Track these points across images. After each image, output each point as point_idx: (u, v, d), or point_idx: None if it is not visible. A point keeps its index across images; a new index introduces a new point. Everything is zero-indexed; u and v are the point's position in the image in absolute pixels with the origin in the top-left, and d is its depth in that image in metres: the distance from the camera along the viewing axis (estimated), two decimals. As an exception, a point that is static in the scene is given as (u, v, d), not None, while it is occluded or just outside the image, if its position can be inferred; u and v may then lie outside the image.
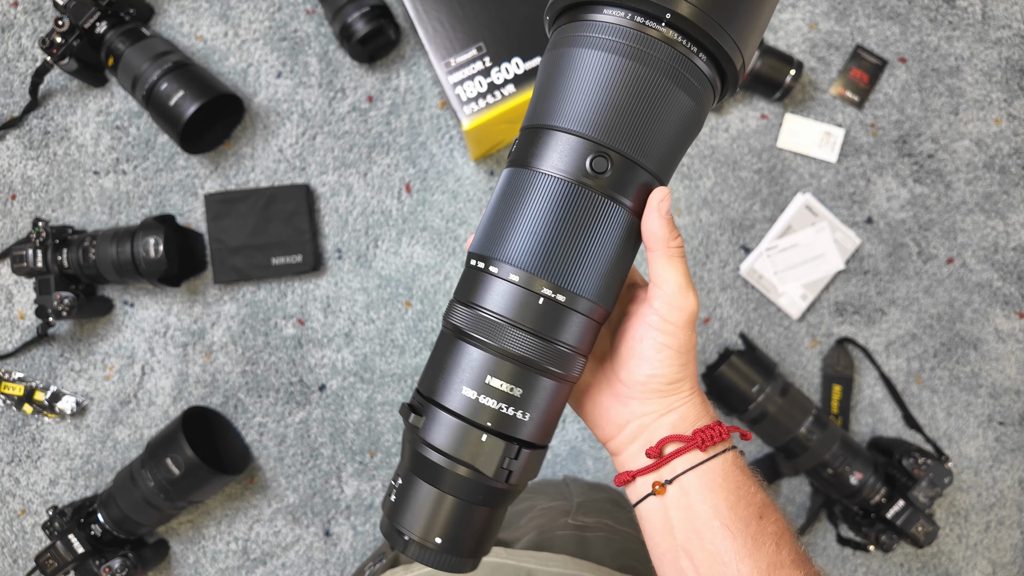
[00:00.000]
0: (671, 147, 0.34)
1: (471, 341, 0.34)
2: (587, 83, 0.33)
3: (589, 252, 0.33)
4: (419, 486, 0.34)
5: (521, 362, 0.33)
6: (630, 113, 0.33)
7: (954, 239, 1.07)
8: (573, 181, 0.33)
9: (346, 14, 0.96)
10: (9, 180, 1.03)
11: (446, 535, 0.34)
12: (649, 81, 0.32)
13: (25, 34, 1.03)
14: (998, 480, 1.07)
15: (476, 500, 0.34)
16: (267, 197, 1.01)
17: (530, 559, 0.54)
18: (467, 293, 0.35)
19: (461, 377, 0.33)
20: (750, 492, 0.35)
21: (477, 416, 0.33)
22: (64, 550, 0.91)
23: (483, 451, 0.33)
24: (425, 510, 0.34)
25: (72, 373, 1.03)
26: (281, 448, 1.03)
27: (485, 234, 0.35)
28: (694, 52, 0.33)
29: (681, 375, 0.36)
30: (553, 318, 0.33)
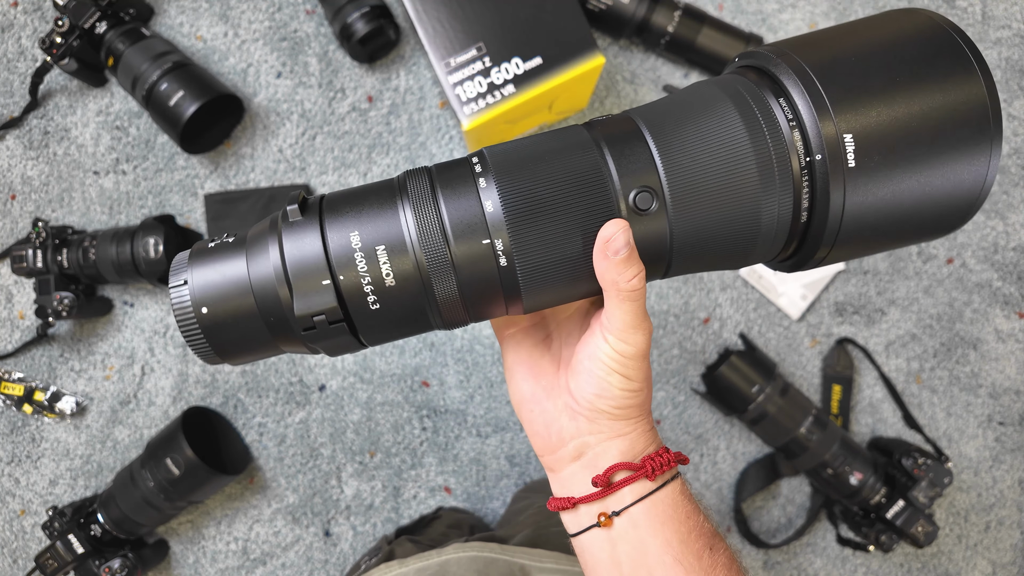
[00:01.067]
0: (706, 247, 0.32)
1: (400, 208, 0.31)
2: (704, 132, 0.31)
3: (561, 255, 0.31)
4: (237, 268, 0.32)
5: (413, 256, 0.31)
6: (710, 191, 0.30)
7: (954, 239, 1.07)
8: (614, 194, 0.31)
9: (346, 14, 0.96)
10: (9, 180, 1.03)
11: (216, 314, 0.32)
12: (752, 187, 0.30)
13: (25, 34, 1.03)
14: (998, 480, 1.07)
15: (266, 314, 0.32)
16: (267, 197, 1.01)
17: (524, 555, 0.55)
18: (442, 173, 0.33)
19: (361, 220, 0.31)
20: (699, 523, 0.34)
21: (340, 267, 0.30)
22: (64, 550, 0.91)
23: (312, 289, 0.30)
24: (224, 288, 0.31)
25: (72, 373, 1.03)
26: (281, 448, 1.03)
27: (509, 151, 0.33)
28: (805, 207, 0.31)
29: (630, 402, 0.34)
30: (477, 266, 0.31)
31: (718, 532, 0.34)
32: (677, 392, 1.06)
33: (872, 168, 0.29)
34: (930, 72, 0.29)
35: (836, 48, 0.31)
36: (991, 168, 0.30)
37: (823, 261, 0.32)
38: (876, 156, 0.29)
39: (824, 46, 0.31)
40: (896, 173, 0.29)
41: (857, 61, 0.30)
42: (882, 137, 0.29)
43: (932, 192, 0.30)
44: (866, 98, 0.29)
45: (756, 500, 1.06)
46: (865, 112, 0.29)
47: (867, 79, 0.29)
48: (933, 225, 0.32)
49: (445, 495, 1.04)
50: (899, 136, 0.29)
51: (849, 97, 0.29)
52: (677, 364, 1.06)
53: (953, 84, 0.29)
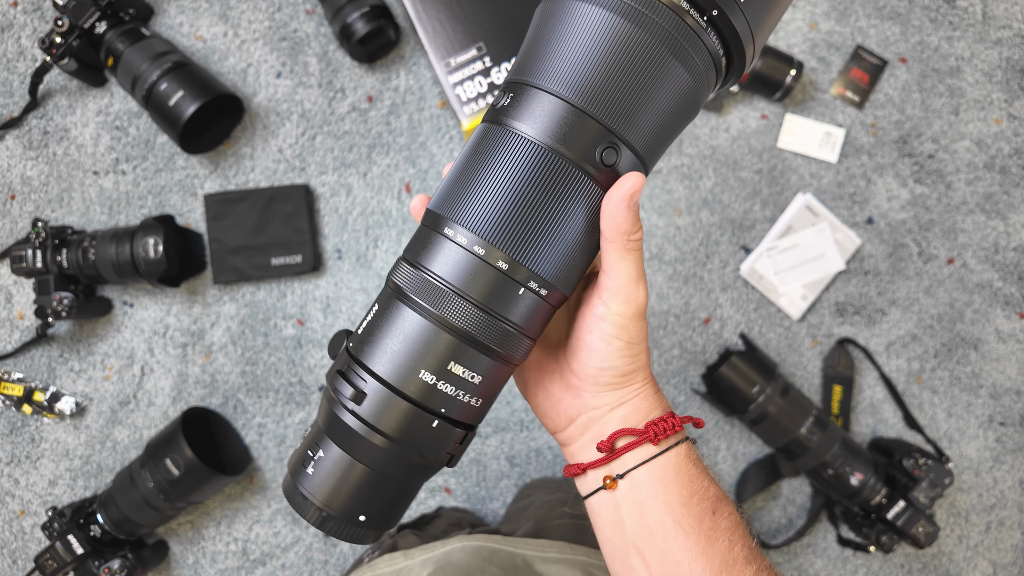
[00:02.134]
0: (661, 127, 0.32)
1: (414, 307, 0.31)
2: (578, 41, 0.30)
3: (553, 228, 0.30)
4: (347, 463, 0.31)
5: (467, 339, 0.30)
6: (620, 81, 0.30)
7: (955, 239, 1.07)
8: (547, 147, 0.30)
9: (346, 14, 0.96)
10: (8, 180, 1.03)
11: (370, 511, 0.32)
12: (647, 49, 0.29)
13: (25, 34, 1.03)
14: (999, 481, 1.07)
15: (409, 479, 0.32)
16: (267, 197, 1.01)
17: (527, 546, 0.55)
18: (415, 252, 0.32)
19: (416, 356, 0.30)
20: (703, 487, 0.34)
21: (433, 403, 0.31)
22: (63, 551, 0.91)
23: (433, 437, 0.31)
24: (351, 487, 0.31)
25: (71, 373, 1.03)
26: (281, 449, 1.03)
27: (445, 192, 0.32)
28: (702, 26, 0.30)
29: (632, 367, 0.34)
30: (504, 293, 0.30)
31: (725, 497, 0.35)
32: (677, 392, 1.06)
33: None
34: None
35: None
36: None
37: (747, 69, 0.33)
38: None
39: None
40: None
41: None
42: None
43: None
44: None
45: (757, 501, 1.06)
46: None
47: None
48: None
49: (445, 495, 1.04)
50: None
51: None
52: (677, 364, 1.06)
53: None
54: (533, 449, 1.05)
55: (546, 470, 1.04)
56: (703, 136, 1.07)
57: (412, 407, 0.30)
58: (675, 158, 1.07)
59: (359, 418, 0.31)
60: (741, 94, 1.07)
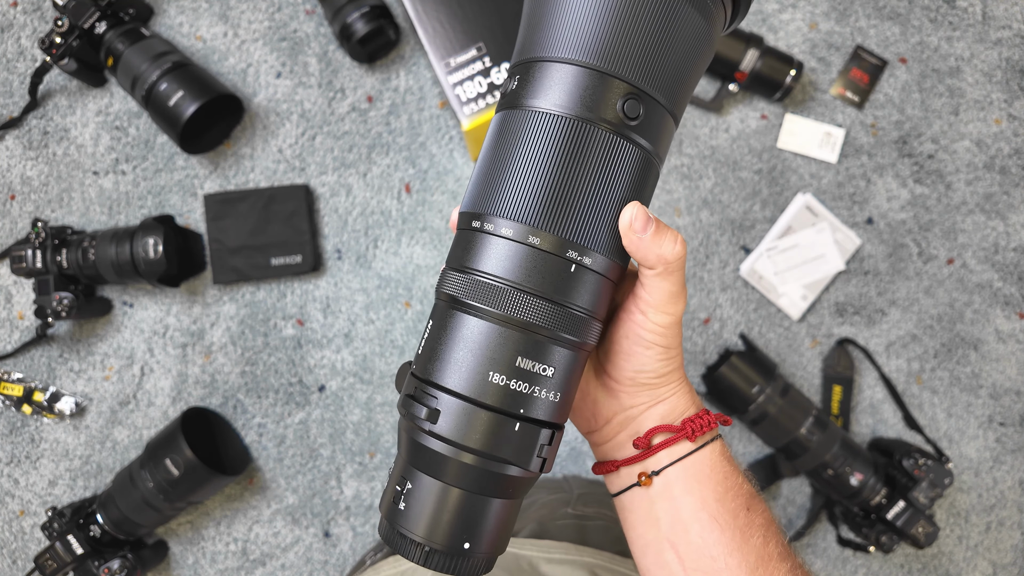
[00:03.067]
0: (683, 74, 0.30)
1: (473, 311, 0.29)
2: (583, 3, 0.28)
3: (602, 199, 0.29)
4: (439, 489, 0.29)
5: (534, 332, 0.29)
6: (634, 34, 0.28)
7: (954, 240, 1.07)
8: (575, 117, 0.28)
9: (346, 14, 0.96)
10: (8, 180, 1.03)
11: (474, 537, 0.29)
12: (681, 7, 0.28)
13: (24, 34, 1.03)
14: (999, 481, 1.07)
15: (505, 494, 0.30)
16: (266, 197, 1.01)
17: (531, 547, 0.54)
18: (459, 258, 0.30)
19: (483, 361, 0.29)
20: (737, 483, 0.34)
21: (509, 405, 0.29)
22: (63, 551, 0.91)
23: (518, 442, 0.29)
24: (448, 514, 0.29)
25: (71, 374, 1.03)
26: (280, 449, 1.03)
27: (477, 189, 0.30)
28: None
29: (668, 368, 0.35)
30: (562, 276, 0.29)
31: (757, 495, 0.35)
32: (677, 393, 1.06)
33: None
34: None
35: None
36: None
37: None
38: None
39: None
40: None
41: None
42: None
43: None
44: None
45: (756, 501, 1.06)
46: None
47: None
48: None
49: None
50: None
51: None
52: (677, 365, 1.06)
53: None
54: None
55: (546, 470, 1.04)
56: (703, 136, 1.07)
57: (489, 413, 0.29)
58: (675, 158, 1.07)
59: (439, 438, 0.29)
60: (741, 94, 1.07)
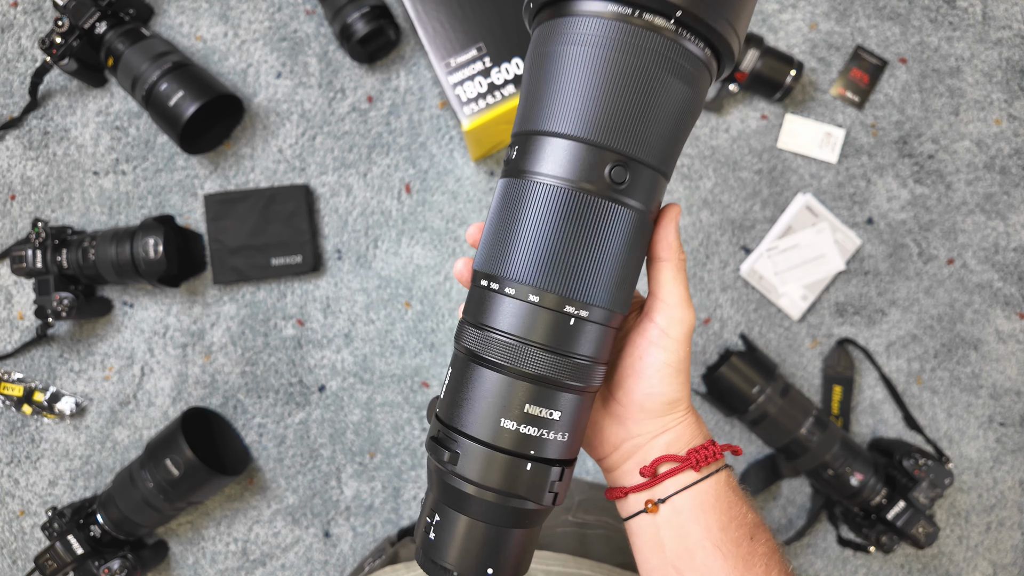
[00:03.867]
0: (670, 138, 0.33)
1: (488, 365, 0.33)
2: (574, 82, 0.31)
3: (597, 259, 0.32)
4: (465, 523, 0.33)
5: (542, 382, 0.32)
6: (623, 108, 0.31)
7: (955, 240, 1.07)
8: (572, 187, 0.31)
9: (346, 14, 0.96)
10: (9, 180, 1.03)
11: (497, 564, 0.34)
12: (640, 72, 0.31)
13: (25, 34, 1.03)
14: (999, 481, 1.07)
15: (523, 525, 0.34)
16: (267, 197, 1.01)
17: None
18: (476, 313, 0.34)
19: (497, 408, 0.32)
20: (741, 512, 0.36)
21: (521, 447, 0.32)
22: (63, 551, 0.91)
23: (530, 480, 0.33)
24: (473, 545, 0.33)
25: (71, 374, 1.03)
26: (281, 449, 1.03)
27: (487, 250, 0.34)
28: (684, 36, 0.31)
29: (679, 394, 0.36)
30: (568, 332, 0.32)
31: (762, 523, 0.37)
32: (677, 393, 1.06)
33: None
34: None
35: None
36: None
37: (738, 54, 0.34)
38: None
39: None
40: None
41: None
42: None
43: None
44: None
45: (757, 501, 1.05)
46: None
47: None
48: None
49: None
50: None
51: None
52: (677, 365, 1.06)
53: None
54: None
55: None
56: (703, 136, 1.07)
57: (503, 456, 0.32)
58: (675, 158, 1.07)
59: (462, 478, 0.33)
60: (741, 94, 1.07)
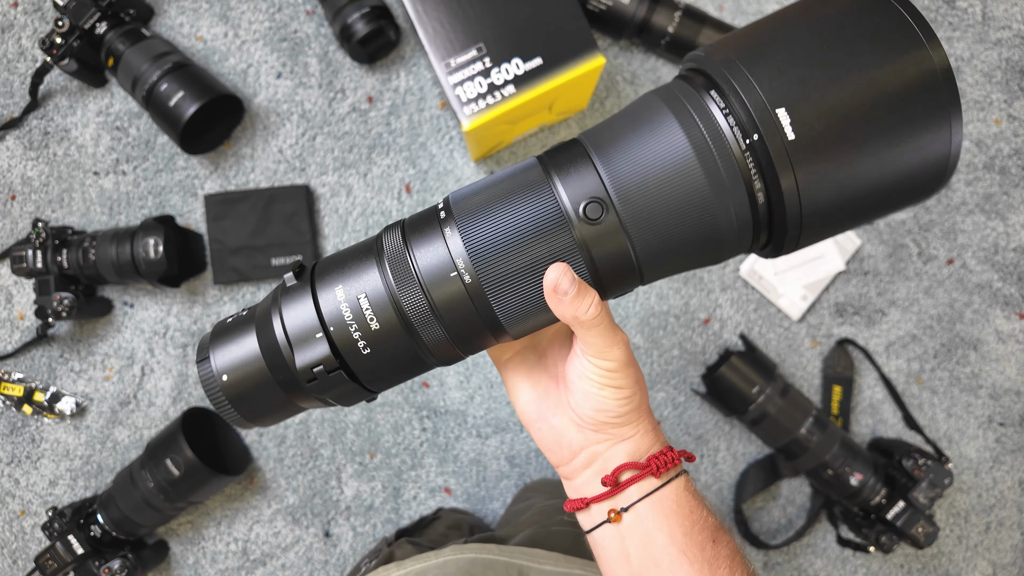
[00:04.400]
0: (672, 251, 0.32)
1: (380, 262, 0.34)
2: (644, 140, 0.31)
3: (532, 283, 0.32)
4: (248, 338, 0.35)
5: (397, 310, 0.33)
6: (659, 195, 0.31)
7: (954, 240, 1.07)
8: (564, 214, 0.32)
9: (346, 15, 0.96)
10: (9, 181, 1.03)
11: (234, 378, 0.35)
12: (695, 184, 0.30)
13: (25, 35, 1.03)
14: (998, 481, 1.07)
15: (277, 374, 0.35)
16: (267, 198, 1.01)
17: (523, 556, 0.54)
18: (413, 227, 0.34)
19: (345, 277, 0.34)
20: (702, 516, 0.36)
21: (330, 320, 0.33)
22: (63, 551, 0.91)
23: (308, 345, 0.33)
24: (240, 358, 0.35)
25: (72, 374, 1.03)
26: (281, 449, 1.03)
27: (469, 194, 0.34)
28: (760, 193, 0.30)
29: (627, 408, 0.36)
30: (458, 308, 0.33)
31: (722, 526, 0.37)
32: (677, 393, 1.06)
33: (816, 139, 0.28)
34: (868, 41, 0.28)
35: (767, 32, 0.31)
36: (954, 136, 0.29)
37: (799, 242, 0.32)
38: (816, 126, 0.28)
39: (756, 33, 0.31)
40: (846, 144, 0.28)
41: (787, 40, 0.30)
42: (820, 107, 0.28)
43: (894, 162, 0.29)
44: (795, 71, 0.29)
45: (756, 501, 1.06)
46: (796, 84, 0.28)
47: (795, 54, 0.29)
48: (902, 196, 0.31)
49: (445, 496, 1.04)
50: (841, 105, 0.28)
51: (777, 73, 0.29)
52: (677, 365, 1.06)
53: (896, 53, 0.28)
54: (533, 449, 1.05)
55: (546, 470, 1.05)
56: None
57: (313, 307, 0.33)
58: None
59: (275, 300, 0.35)
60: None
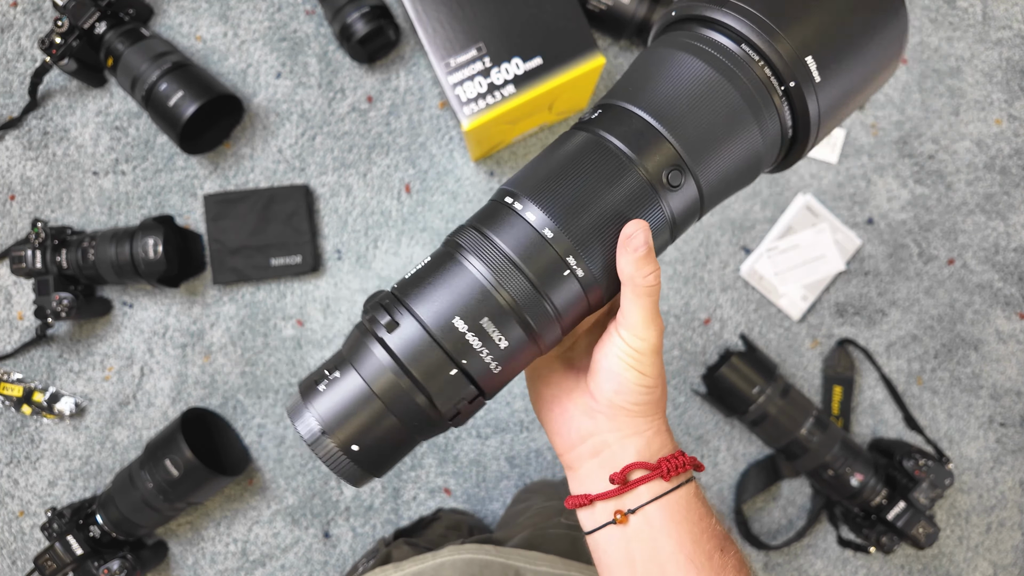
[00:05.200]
0: (725, 174, 0.35)
1: (470, 266, 0.33)
2: (670, 79, 0.34)
3: (613, 232, 0.33)
4: (360, 389, 0.32)
5: (510, 308, 0.32)
6: (701, 120, 0.33)
7: (955, 240, 1.07)
8: (627, 158, 0.33)
9: (346, 14, 0.96)
10: (8, 181, 1.03)
11: (364, 444, 0.32)
12: (731, 101, 0.33)
13: (24, 34, 1.03)
14: (999, 481, 1.07)
15: (411, 424, 0.33)
16: (266, 198, 1.01)
17: (520, 558, 0.54)
18: (484, 221, 0.34)
19: (455, 304, 0.32)
20: (711, 525, 0.35)
21: (457, 352, 0.32)
22: (63, 551, 0.91)
23: (446, 385, 0.32)
24: (355, 414, 0.32)
25: (71, 374, 1.03)
26: (280, 449, 1.03)
27: (527, 175, 0.35)
28: (781, 98, 0.34)
29: (647, 398, 0.35)
30: (556, 278, 0.33)
31: (729, 536, 0.36)
32: (677, 393, 1.06)
33: (833, 73, 0.34)
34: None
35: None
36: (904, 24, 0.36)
37: (805, 153, 0.37)
38: (833, 63, 0.34)
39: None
40: (848, 66, 0.34)
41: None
42: (832, 45, 0.34)
43: (876, 58, 0.35)
44: (809, 16, 0.33)
45: (757, 501, 1.06)
46: (813, 30, 0.33)
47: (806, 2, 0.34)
48: (883, 77, 0.37)
49: (445, 496, 1.04)
50: (841, 37, 0.34)
51: (797, 20, 0.33)
52: (677, 365, 1.06)
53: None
54: (533, 450, 1.05)
55: (546, 471, 1.04)
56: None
57: (437, 348, 0.32)
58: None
59: (385, 347, 0.32)
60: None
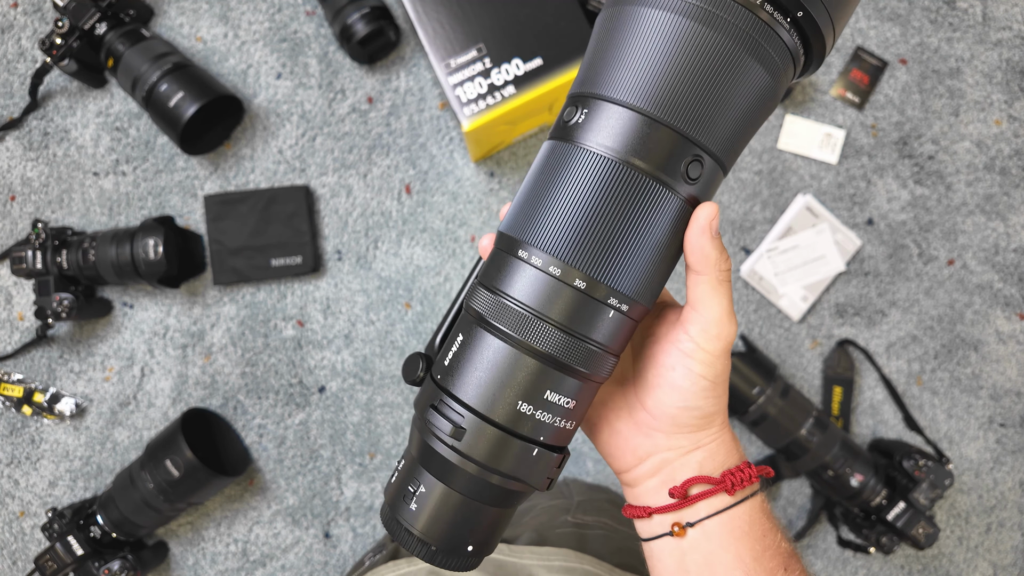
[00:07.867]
0: (738, 128, 0.30)
1: (496, 333, 0.30)
2: (644, 47, 0.28)
3: (631, 242, 0.29)
4: (453, 498, 0.31)
5: (552, 362, 0.30)
6: (693, 85, 0.28)
7: (955, 240, 1.07)
8: (621, 160, 0.29)
9: (346, 15, 0.96)
10: (9, 181, 1.03)
11: (477, 539, 0.32)
12: (720, 49, 0.28)
13: (25, 35, 1.03)
14: (999, 482, 1.07)
15: (507, 504, 0.32)
16: (267, 198, 1.01)
17: (532, 556, 0.54)
18: (491, 277, 0.31)
19: (515, 390, 0.30)
20: (776, 541, 0.33)
21: (534, 433, 0.30)
22: (63, 552, 0.91)
23: (535, 465, 0.31)
24: (457, 519, 0.31)
25: (71, 375, 1.03)
26: (281, 450, 1.03)
27: (516, 214, 0.31)
28: (777, 20, 0.29)
29: (714, 408, 0.33)
30: (585, 313, 0.29)
31: (796, 554, 0.34)
32: (677, 394, 1.06)
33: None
34: None
35: None
36: None
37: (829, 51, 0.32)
38: None
39: None
40: None
41: None
42: None
43: None
44: None
45: (757, 502, 1.06)
46: None
47: None
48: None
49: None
50: None
51: None
52: (677, 365, 1.06)
53: None
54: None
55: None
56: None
57: (513, 438, 0.30)
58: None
59: (459, 452, 0.30)
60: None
